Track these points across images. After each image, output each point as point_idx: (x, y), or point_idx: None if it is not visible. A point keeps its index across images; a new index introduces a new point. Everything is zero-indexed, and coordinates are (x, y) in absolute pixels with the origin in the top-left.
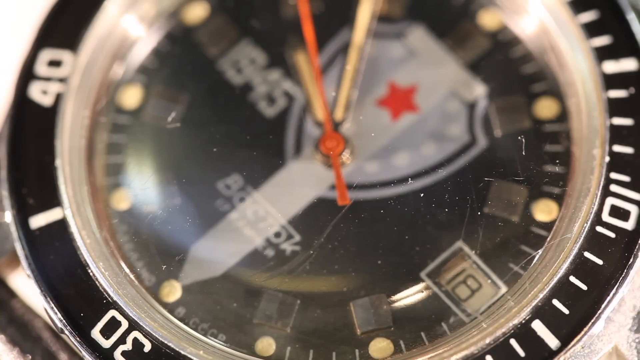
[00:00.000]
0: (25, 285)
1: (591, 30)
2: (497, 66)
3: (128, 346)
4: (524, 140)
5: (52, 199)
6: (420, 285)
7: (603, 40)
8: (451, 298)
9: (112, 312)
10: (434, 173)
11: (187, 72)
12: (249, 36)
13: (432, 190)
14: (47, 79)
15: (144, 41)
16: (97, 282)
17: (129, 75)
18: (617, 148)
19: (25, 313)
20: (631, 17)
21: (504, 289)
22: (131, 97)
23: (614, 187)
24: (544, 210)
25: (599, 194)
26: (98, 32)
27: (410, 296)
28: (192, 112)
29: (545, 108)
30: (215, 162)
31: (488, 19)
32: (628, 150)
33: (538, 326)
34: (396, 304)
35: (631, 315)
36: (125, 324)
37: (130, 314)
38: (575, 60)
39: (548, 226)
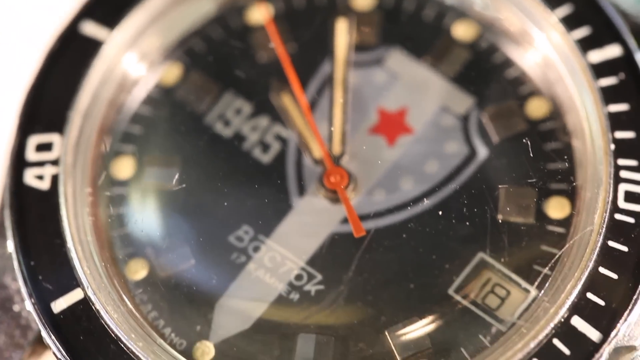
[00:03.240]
0: None
1: (569, 23)
2: (481, 75)
3: None
4: (528, 142)
5: (70, 281)
6: (451, 302)
7: (583, 32)
8: (482, 309)
9: None
10: (440, 190)
11: (175, 134)
12: (230, 88)
13: (443, 206)
14: (40, 164)
15: (127, 109)
16: (132, 356)
17: (116, 146)
18: (619, 134)
19: None
20: (605, 4)
21: (533, 291)
22: (124, 168)
23: (624, 173)
24: (556, 208)
25: (611, 182)
26: (82, 108)
27: (443, 315)
28: (189, 171)
29: (537, 108)
30: (223, 217)
31: (462, 31)
32: (630, 135)
33: (578, 322)
34: (431, 325)
35: None
36: None
37: None
38: (560, 55)
39: (565, 223)
